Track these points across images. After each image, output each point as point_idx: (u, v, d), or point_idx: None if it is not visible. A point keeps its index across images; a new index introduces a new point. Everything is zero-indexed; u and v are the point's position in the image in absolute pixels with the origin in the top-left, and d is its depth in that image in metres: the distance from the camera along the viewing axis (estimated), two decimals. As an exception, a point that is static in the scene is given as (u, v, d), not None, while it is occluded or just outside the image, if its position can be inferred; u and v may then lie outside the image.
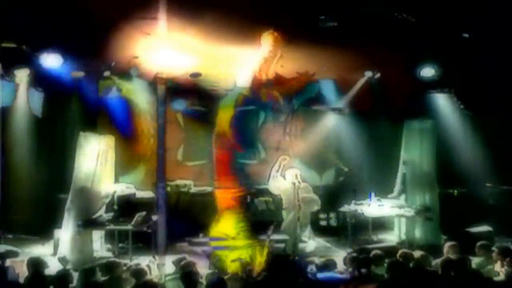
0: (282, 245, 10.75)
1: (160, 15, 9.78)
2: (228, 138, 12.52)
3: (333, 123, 13.61)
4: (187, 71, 11.64)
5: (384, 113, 13.14)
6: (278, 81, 12.89)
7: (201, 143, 13.29)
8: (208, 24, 9.92)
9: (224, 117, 12.63)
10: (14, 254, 9.72)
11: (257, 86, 12.65)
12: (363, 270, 7.03)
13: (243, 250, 8.52)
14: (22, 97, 11.85)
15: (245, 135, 13.05)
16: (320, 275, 7.78)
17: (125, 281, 7.22)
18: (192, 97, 13.20)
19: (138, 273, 7.27)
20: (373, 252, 7.96)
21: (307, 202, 10.74)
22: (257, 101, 13.20)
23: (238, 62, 12.06)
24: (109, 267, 7.44)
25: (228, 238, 10.76)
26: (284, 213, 10.83)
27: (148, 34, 10.18)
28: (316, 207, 10.92)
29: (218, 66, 12.10)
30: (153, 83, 11.48)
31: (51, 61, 10.79)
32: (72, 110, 12.27)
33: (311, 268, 8.10)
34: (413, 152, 11.77)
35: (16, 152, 11.96)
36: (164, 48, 10.30)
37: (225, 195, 11.92)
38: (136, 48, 10.87)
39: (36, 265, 7.51)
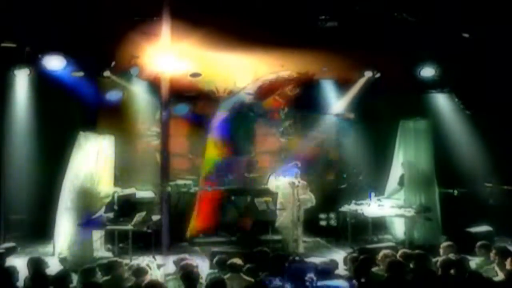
0: (279, 245, 10.80)
1: (163, 21, 9.87)
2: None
3: (332, 124, 13.61)
4: (187, 74, 11.71)
5: (384, 113, 13.16)
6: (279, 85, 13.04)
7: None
8: (211, 32, 9.95)
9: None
10: (13, 250, 9.72)
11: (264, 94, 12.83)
12: (363, 280, 6.99)
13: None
14: (22, 97, 11.85)
15: (237, 138, 13.16)
16: (319, 284, 7.71)
17: (126, 281, 7.23)
18: (194, 101, 13.19)
19: (139, 272, 7.27)
20: (382, 252, 7.96)
21: (305, 201, 10.73)
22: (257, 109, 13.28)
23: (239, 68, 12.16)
24: (110, 267, 7.44)
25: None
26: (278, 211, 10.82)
27: (151, 38, 10.23)
28: (310, 204, 10.90)
29: (219, 71, 12.17)
30: (155, 85, 11.61)
31: (54, 63, 10.77)
32: (72, 109, 12.27)
33: (310, 276, 8.01)
34: (409, 153, 11.78)
35: (16, 151, 11.97)
36: (166, 53, 10.39)
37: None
38: (139, 52, 10.92)
39: (37, 265, 7.51)
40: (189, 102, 13.09)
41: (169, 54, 10.49)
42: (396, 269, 6.93)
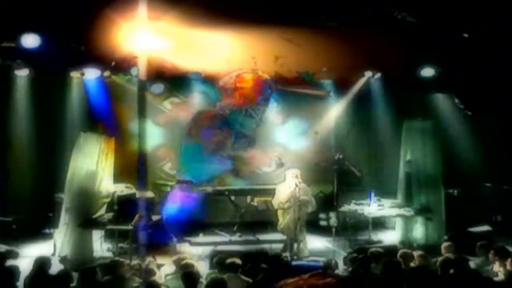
0: (280, 245, 10.80)
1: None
2: None
3: (331, 120, 13.60)
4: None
5: (383, 112, 13.17)
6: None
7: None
8: (189, 9, 9.65)
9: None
10: (14, 255, 9.72)
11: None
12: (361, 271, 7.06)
13: None
14: (22, 96, 11.86)
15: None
16: (294, 263, 7.84)
17: (128, 280, 7.23)
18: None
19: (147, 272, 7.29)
20: (372, 249, 8.00)
21: (305, 203, 10.71)
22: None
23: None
24: (112, 267, 7.45)
25: None
26: (279, 212, 10.81)
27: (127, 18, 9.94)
28: (311, 209, 10.84)
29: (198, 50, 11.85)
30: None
31: (30, 41, 10.23)
32: (72, 109, 12.27)
33: (285, 255, 8.16)
34: (417, 152, 11.71)
35: (16, 151, 11.98)
36: (143, 32, 10.09)
37: None
38: (116, 31, 10.53)
39: (42, 264, 7.50)
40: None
41: (147, 32, 10.17)
42: (393, 269, 6.93)
